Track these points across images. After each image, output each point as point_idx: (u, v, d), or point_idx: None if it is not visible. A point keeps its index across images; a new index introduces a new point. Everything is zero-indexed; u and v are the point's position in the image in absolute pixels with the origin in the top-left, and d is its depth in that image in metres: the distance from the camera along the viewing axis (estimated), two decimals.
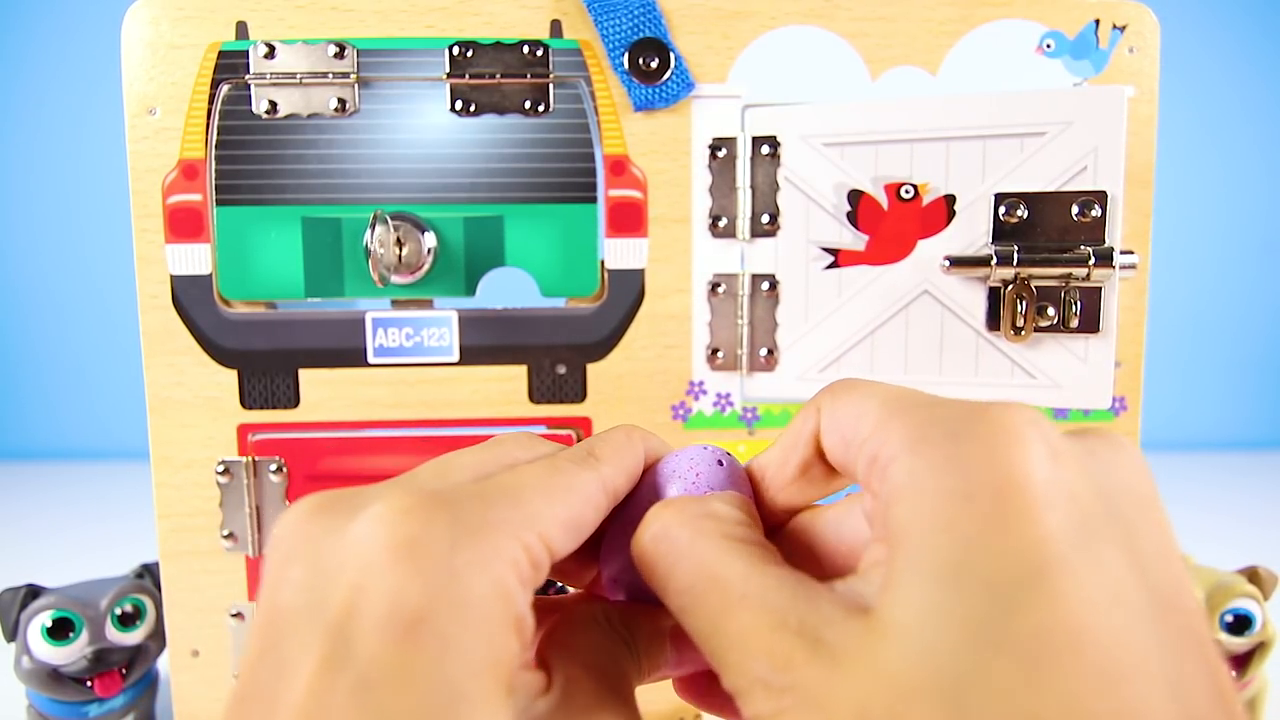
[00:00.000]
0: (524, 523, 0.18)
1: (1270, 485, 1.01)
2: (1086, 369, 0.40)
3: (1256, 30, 1.12)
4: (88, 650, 0.45)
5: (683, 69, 0.43)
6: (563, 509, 0.19)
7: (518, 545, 0.17)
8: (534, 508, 0.18)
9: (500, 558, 0.17)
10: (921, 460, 0.16)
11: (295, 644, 0.16)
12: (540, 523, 0.18)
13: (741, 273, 0.45)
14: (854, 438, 0.18)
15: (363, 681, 0.15)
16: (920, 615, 0.14)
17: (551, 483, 0.19)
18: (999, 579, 0.14)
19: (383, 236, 0.40)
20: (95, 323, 1.12)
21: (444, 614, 0.16)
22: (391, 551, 0.16)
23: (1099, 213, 0.39)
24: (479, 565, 0.17)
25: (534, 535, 0.18)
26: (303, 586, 0.17)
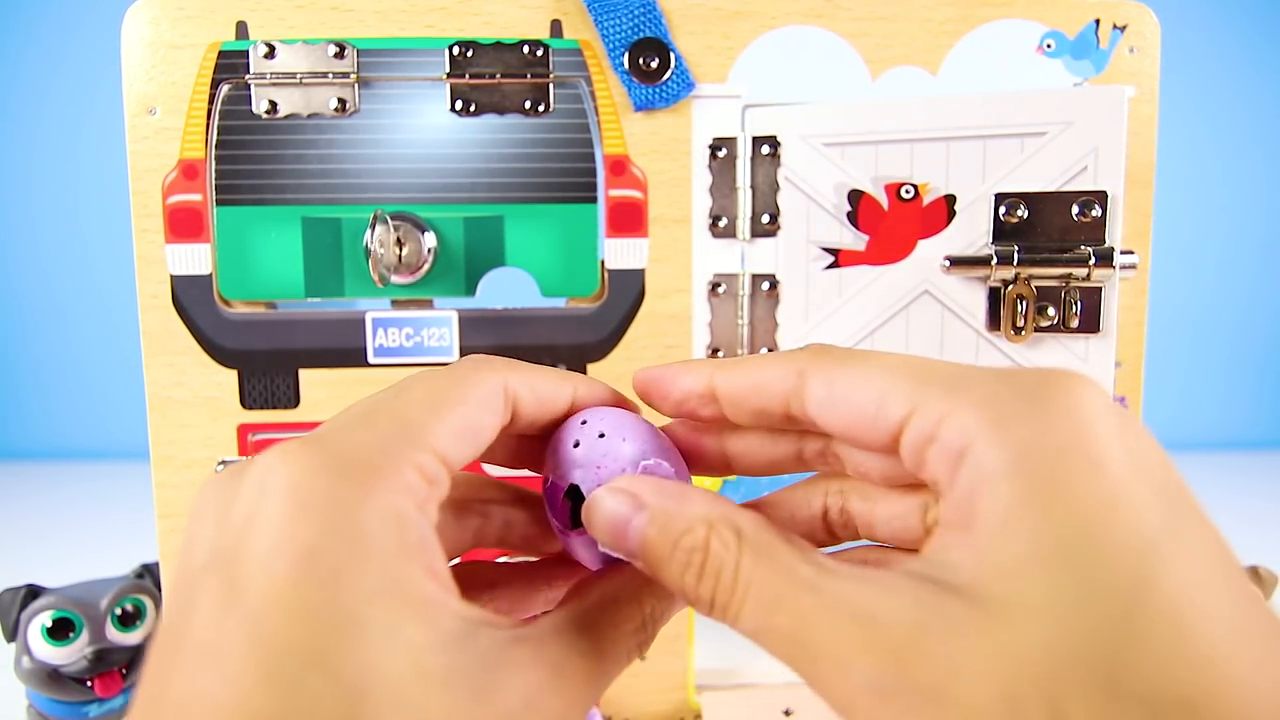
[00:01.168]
0: (409, 443, 0.18)
1: (1270, 485, 1.01)
2: (1087, 369, 0.40)
3: (1256, 30, 1.12)
4: (88, 650, 0.45)
5: (683, 69, 0.43)
6: (455, 419, 0.19)
7: (407, 467, 0.17)
8: (420, 425, 0.18)
9: (387, 485, 0.17)
10: (1008, 446, 0.16)
11: (197, 590, 0.16)
12: (429, 438, 0.18)
13: (742, 273, 0.45)
14: (878, 414, 0.18)
15: (253, 615, 0.15)
16: (1053, 601, 0.15)
17: (440, 395, 0.19)
18: (1116, 566, 0.15)
19: (383, 236, 0.40)
20: (95, 323, 1.12)
21: (331, 545, 0.16)
22: (278, 495, 0.16)
23: (1099, 213, 0.39)
24: (364, 495, 0.16)
25: (424, 453, 0.18)
26: (207, 543, 0.17)
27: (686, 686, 0.47)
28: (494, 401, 0.20)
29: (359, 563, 0.16)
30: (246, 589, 0.15)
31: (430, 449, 0.18)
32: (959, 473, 0.17)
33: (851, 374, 0.19)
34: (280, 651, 0.15)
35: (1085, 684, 0.14)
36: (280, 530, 0.16)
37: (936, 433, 0.17)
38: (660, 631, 0.22)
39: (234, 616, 0.15)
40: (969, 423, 0.16)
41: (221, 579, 0.16)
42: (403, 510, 0.17)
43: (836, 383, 0.19)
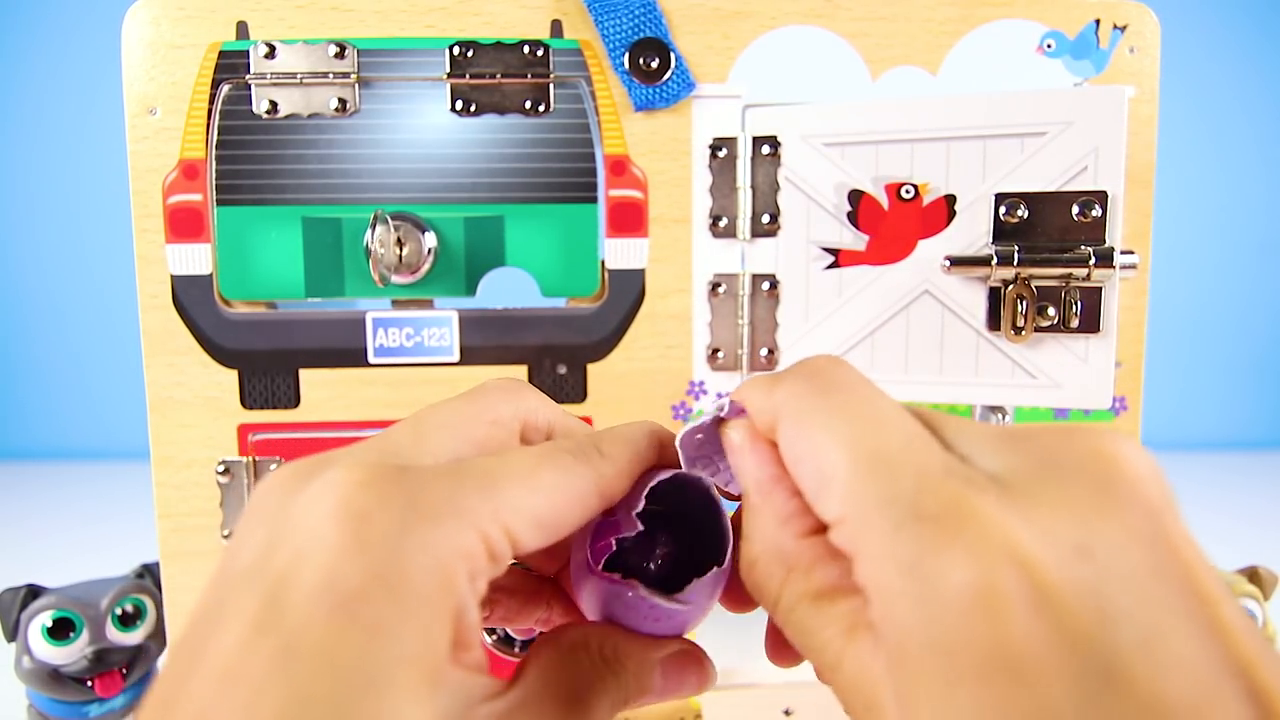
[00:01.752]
0: (490, 513, 0.17)
1: (1270, 485, 1.01)
2: (1087, 369, 0.40)
3: (1256, 30, 1.12)
4: (88, 650, 0.45)
5: (683, 69, 0.43)
6: (542, 504, 0.18)
7: (474, 535, 0.17)
8: (506, 498, 0.18)
9: (451, 546, 0.16)
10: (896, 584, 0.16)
11: (233, 602, 0.16)
12: (508, 515, 0.17)
13: (742, 273, 0.45)
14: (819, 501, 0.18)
15: (286, 649, 0.15)
16: None
17: (536, 474, 0.18)
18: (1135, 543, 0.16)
19: (383, 236, 0.40)
20: (95, 323, 1.12)
21: (379, 596, 0.15)
22: (338, 523, 0.16)
23: (1099, 213, 0.39)
24: (426, 551, 0.16)
25: (498, 527, 0.17)
26: (255, 548, 0.16)
27: None
28: (586, 499, 0.19)
29: (401, 620, 0.15)
30: (283, 619, 0.15)
31: (504, 525, 0.17)
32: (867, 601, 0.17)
33: (807, 438, 0.18)
34: (304, 696, 0.14)
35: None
36: (330, 565, 0.15)
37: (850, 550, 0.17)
38: None
39: (265, 646, 0.15)
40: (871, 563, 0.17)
41: (260, 598, 0.15)
42: (456, 576, 0.16)
43: (796, 444, 0.19)
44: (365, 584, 0.15)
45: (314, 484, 0.17)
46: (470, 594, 0.17)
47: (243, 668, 0.15)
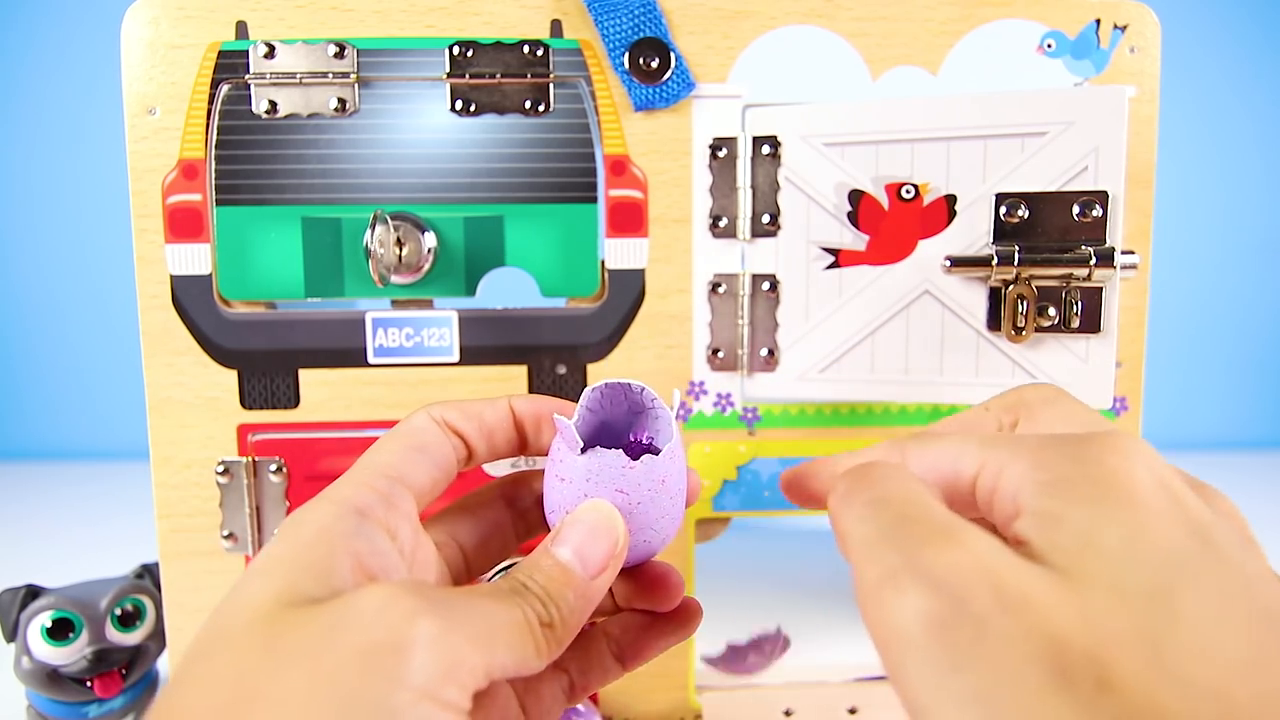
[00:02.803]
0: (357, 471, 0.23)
1: (1270, 485, 1.01)
2: (1087, 369, 0.40)
3: (1256, 30, 1.12)
4: (88, 650, 0.45)
5: (683, 69, 0.43)
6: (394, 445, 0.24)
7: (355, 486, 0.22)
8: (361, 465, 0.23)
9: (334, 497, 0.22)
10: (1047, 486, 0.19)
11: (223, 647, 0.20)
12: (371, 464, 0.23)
13: (742, 273, 0.45)
14: (959, 473, 0.21)
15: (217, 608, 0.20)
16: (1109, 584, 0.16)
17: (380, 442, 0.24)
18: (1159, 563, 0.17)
19: (383, 236, 0.40)
20: (95, 323, 1.11)
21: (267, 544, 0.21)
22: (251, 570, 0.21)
23: (1100, 213, 0.39)
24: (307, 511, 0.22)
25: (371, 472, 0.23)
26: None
27: (686, 686, 0.47)
28: (427, 425, 0.25)
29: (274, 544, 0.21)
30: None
31: (376, 471, 0.23)
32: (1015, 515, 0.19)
33: (939, 446, 0.22)
34: None
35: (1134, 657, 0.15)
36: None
37: (996, 484, 0.20)
38: None
39: None
40: (1019, 472, 0.19)
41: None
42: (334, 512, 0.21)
43: (928, 453, 0.22)
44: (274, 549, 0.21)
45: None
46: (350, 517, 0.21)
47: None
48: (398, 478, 0.23)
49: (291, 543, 0.20)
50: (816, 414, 0.47)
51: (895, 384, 0.43)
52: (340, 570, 0.20)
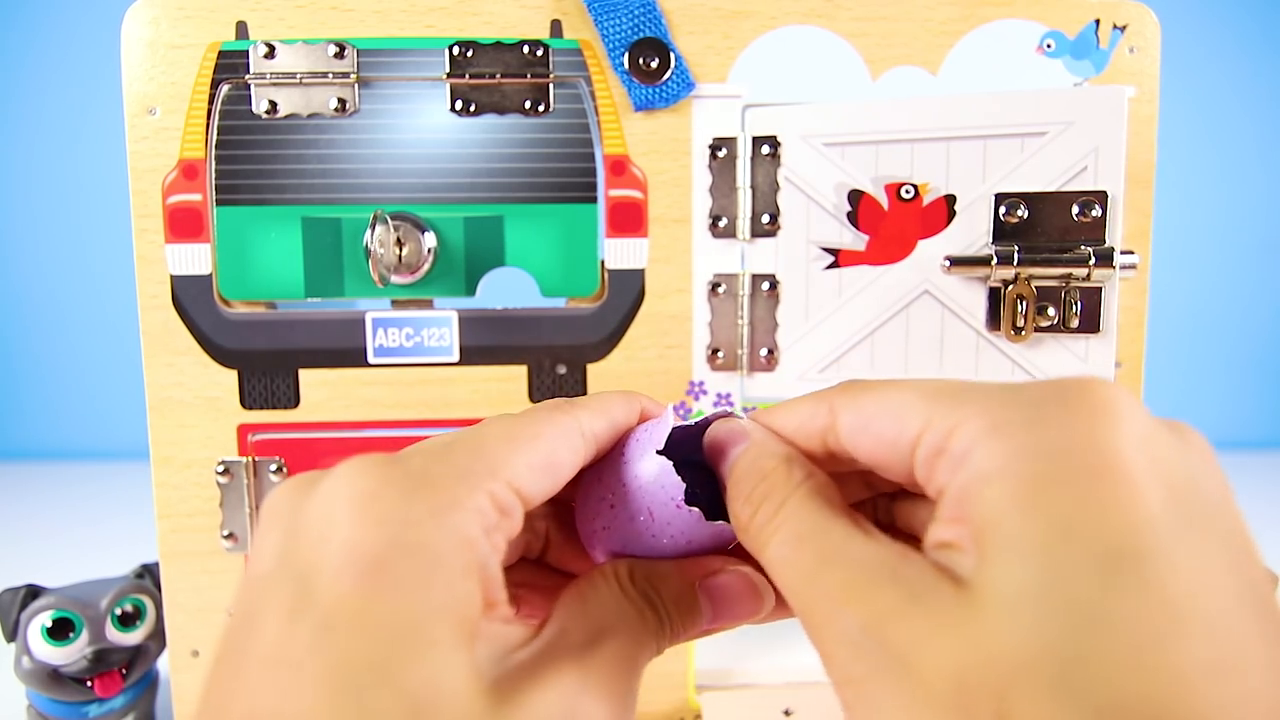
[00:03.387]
0: (486, 472, 0.18)
1: (1270, 485, 1.01)
2: (1087, 369, 0.40)
3: (1256, 30, 1.12)
4: (88, 650, 0.45)
5: (683, 69, 0.43)
6: (531, 454, 0.19)
7: (480, 494, 0.18)
8: (496, 456, 0.19)
9: (459, 506, 0.17)
10: (1006, 444, 0.16)
11: (266, 600, 0.16)
12: (505, 470, 0.19)
13: (742, 273, 0.45)
14: (898, 435, 0.18)
15: (323, 625, 0.15)
16: (1023, 592, 0.14)
17: (517, 431, 0.20)
18: (1100, 561, 0.14)
19: (383, 236, 0.40)
20: (95, 323, 1.11)
21: (400, 560, 0.16)
22: (349, 504, 0.17)
23: (1099, 213, 0.39)
24: (435, 514, 0.17)
25: (499, 483, 0.18)
26: (276, 550, 0.17)
27: (686, 686, 0.47)
28: (571, 439, 0.21)
29: (426, 578, 0.16)
30: (315, 599, 0.16)
31: (505, 480, 0.18)
32: (956, 474, 0.17)
33: (875, 398, 0.19)
34: (346, 664, 0.15)
35: (1035, 684, 0.14)
36: (351, 541, 0.16)
37: (945, 444, 0.17)
38: None
39: (302, 627, 0.15)
40: (973, 431, 0.17)
41: (290, 588, 0.16)
42: (471, 533, 0.17)
43: (863, 409, 0.20)
44: (386, 552, 0.16)
45: (323, 483, 0.18)
46: (489, 550, 0.18)
47: (284, 653, 0.15)
48: (521, 495, 0.19)
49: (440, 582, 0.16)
50: None
51: None
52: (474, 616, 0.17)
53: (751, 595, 0.22)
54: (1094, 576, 0.14)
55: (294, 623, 0.15)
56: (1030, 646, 0.14)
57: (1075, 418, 0.16)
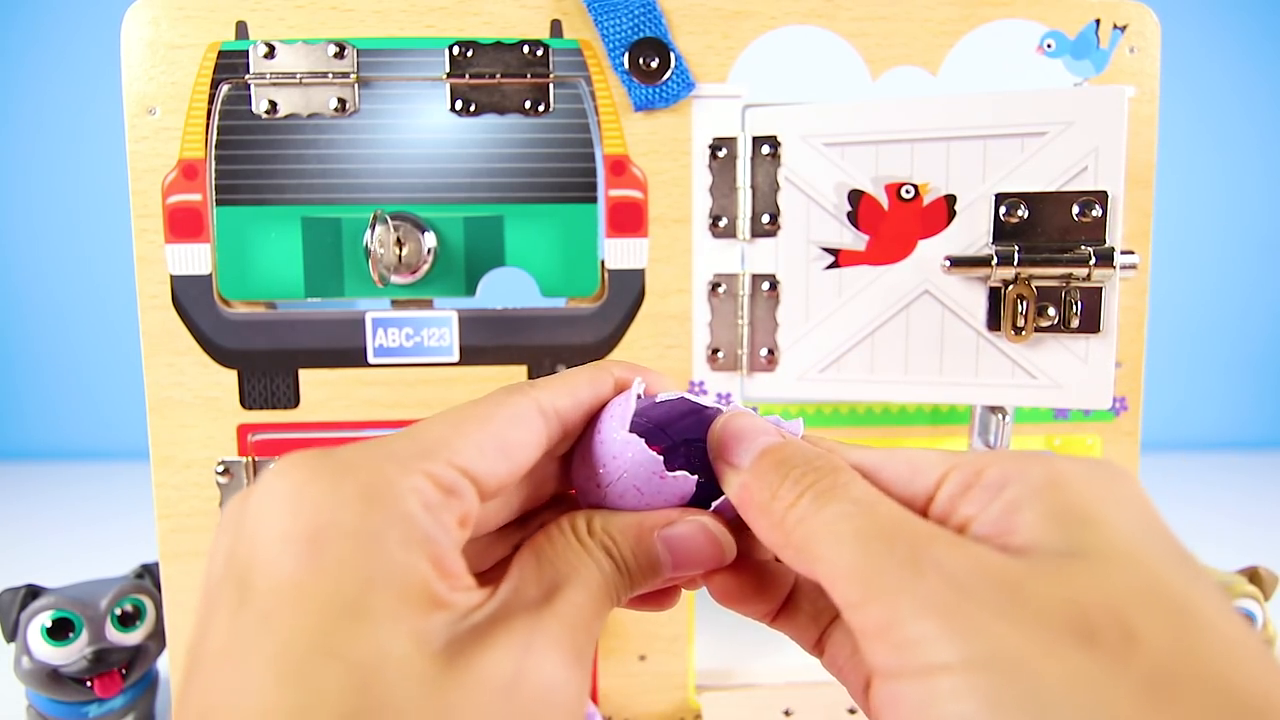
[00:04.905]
0: (420, 454, 0.18)
1: (1270, 485, 1.01)
2: (1087, 369, 0.40)
3: (1256, 30, 1.12)
4: (88, 650, 0.45)
5: (683, 69, 0.43)
6: (479, 434, 0.20)
7: (414, 474, 0.18)
8: (435, 440, 0.19)
9: (391, 486, 0.17)
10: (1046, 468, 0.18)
11: (216, 602, 0.17)
12: (445, 451, 0.19)
13: (742, 273, 0.45)
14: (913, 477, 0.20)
15: (264, 613, 0.16)
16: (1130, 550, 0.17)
17: (464, 415, 0.20)
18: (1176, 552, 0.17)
19: (383, 236, 0.40)
20: (95, 323, 1.12)
21: (333, 540, 0.16)
22: (281, 497, 0.17)
23: (1099, 213, 0.39)
24: (366, 496, 0.17)
25: (437, 464, 0.18)
26: (223, 553, 0.18)
27: (686, 686, 0.47)
28: (526, 419, 0.21)
29: (360, 554, 0.16)
30: (255, 588, 0.16)
31: (446, 461, 0.19)
32: (999, 496, 0.18)
33: (881, 451, 0.21)
34: (289, 645, 0.15)
35: (1157, 609, 0.15)
36: (283, 530, 0.16)
37: (977, 481, 0.19)
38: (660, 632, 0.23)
39: (245, 617, 0.16)
40: (1005, 466, 0.18)
41: (233, 584, 0.16)
42: (407, 509, 0.17)
43: (868, 455, 0.21)
44: (318, 534, 0.16)
45: (259, 481, 0.18)
46: (434, 524, 0.18)
47: (231, 647, 0.16)
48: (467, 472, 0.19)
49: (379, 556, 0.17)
50: (816, 414, 0.47)
51: (895, 384, 0.43)
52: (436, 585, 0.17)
53: (711, 544, 0.22)
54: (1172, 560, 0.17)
55: (237, 616, 0.16)
56: (1142, 584, 0.16)
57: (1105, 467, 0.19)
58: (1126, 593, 0.15)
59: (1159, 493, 0.19)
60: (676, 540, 0.22)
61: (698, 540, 0.22)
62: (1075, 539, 0.17)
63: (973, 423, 0.44)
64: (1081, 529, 0.17)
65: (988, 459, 0.19)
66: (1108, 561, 0.16)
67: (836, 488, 0.19)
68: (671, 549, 0.22)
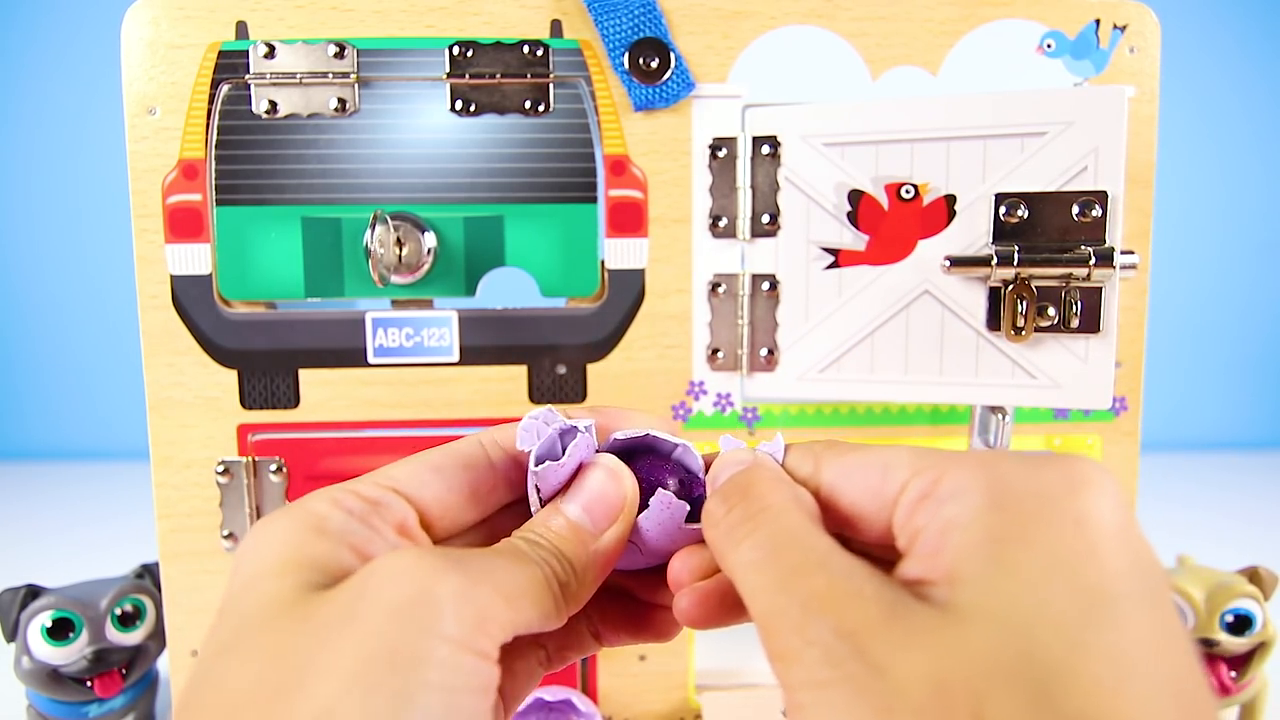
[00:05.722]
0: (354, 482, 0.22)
1: (1270, 485, 1.01)
2: (1087, 369, 0.40)
3: (1256, 30, 1.12)
4: (88, 650, 0.45)
5: (683, 69, 0.43)
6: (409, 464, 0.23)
7: (336, 492, 0.21)
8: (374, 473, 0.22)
9: (311, 499, 0.21)
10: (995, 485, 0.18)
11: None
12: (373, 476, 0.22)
13: (742, 273, 0.45)
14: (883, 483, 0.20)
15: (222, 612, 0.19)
16: (1004, 612, 0.16)
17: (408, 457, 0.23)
18: (1082, 596, 0.16)
19: (383, 236, 0.40)
20: (95, 323, 1.12)
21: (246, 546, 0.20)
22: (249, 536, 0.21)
23: (1099, 213, 0.39)
24: (286, 511, 0.21)
25: (363, 483, 0.22)
26: None
27: (686, 686, 0.47)
28: (461, 448, 0.24)
29: (261, 543, 0.20)
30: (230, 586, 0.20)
31: (371, 481, 0.22)
32: (940, 512, 0.18)
33: (861, 454, 0.21)
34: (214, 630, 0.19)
35: (1014, 689, 0.15)
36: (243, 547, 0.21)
37: (931, 490, 0.18)
38: None
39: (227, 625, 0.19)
40: (961, 476, 0.18)
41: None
42: (314, 508, 0.21)
43: (847, 461, 0.21)
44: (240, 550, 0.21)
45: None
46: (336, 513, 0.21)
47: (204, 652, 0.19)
48: (394, 488, 0.22)
49: (284, 542, 0.20)
50: (816, 414, 0.47)
51: (895, 384, 0.43)
52: (348, 559, 0.20)
53: (607, 478, 0.23)
54: (1074, 609, 0.16)
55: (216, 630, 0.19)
56: (1011, 656, 0.15)
57: (1063, 473, 0.18)
58: (990, 667, 0.15)
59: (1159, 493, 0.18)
60: (579, 497, 0.23)
61: (593, 482, 0.23)
62: (980, 581, 0.16)
63: (973, 423, 0.44)
64: (990, 569, 0.16)
65: (947, 465, 0.19)
66: (992, 622, 0.16)
67: (756, 520, 0.20)
68: (583, 508, 0.23)
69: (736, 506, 0.21)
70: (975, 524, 0.17)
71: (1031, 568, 0.16)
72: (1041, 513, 0.17)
